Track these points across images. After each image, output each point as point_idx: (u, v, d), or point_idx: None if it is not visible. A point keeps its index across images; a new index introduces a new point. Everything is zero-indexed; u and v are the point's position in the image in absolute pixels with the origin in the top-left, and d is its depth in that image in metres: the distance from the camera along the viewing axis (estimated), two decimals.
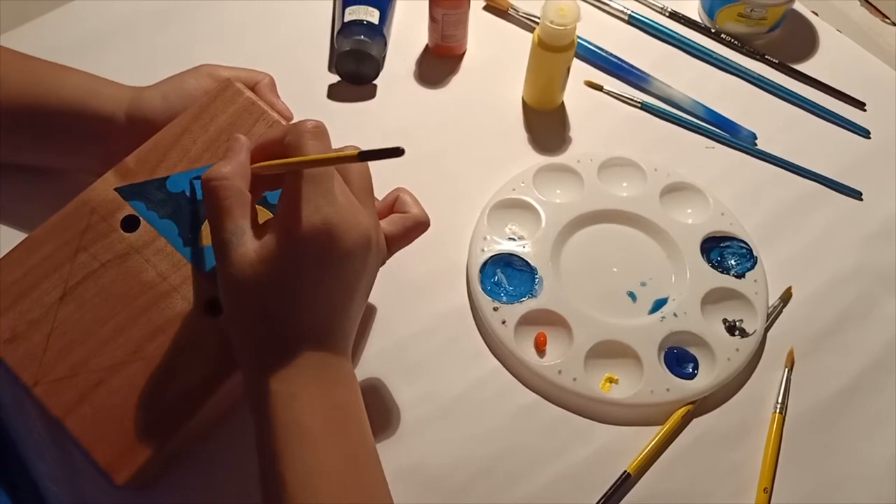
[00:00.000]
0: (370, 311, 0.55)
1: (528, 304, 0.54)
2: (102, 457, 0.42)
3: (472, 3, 0.66)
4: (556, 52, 0.61)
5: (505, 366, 0.53)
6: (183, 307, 0.45)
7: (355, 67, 0.65)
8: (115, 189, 0.47)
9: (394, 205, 0.47)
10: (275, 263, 0.38)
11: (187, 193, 0.48)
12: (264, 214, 0.47)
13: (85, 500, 0.47)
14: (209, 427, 0.48)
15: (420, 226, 0.46)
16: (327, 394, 0.39)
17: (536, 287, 0.55)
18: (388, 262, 0.46)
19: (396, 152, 0.34)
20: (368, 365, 0.53)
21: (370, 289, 0.44)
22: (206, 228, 0.47)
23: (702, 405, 0.52)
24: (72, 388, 0.43)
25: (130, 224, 0.47)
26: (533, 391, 0.52)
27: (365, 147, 0.37)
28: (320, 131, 0.40)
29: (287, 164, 0.40)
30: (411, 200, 0.47)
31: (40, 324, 0.44)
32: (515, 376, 0.53)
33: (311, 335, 0.40)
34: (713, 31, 0.73)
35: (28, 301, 0.45)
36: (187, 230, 0.47)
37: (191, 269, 0.46)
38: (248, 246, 0.39)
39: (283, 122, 0.50)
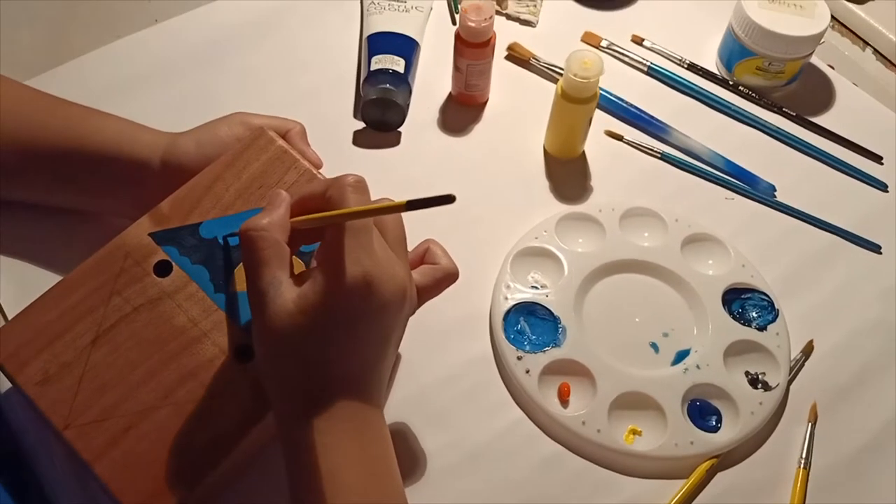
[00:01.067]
0: (395, 358, 0.55)
1: (551, 354, 0.54)
2: (131, 502, 0.42)
3: (494, 53, 0.67)
4: (578, 103, 0.62)
5: (528, 415, 0.53)
6: (213, 353, 0.46)
7: (381, 115, 0.67)
8: (149, 234, 0.48)
9: (424, 256, 0.48)
10: (314, 314, 0.39)
11: (220, 241, 0.48)
12: (298, 266, 0.48)
13: None
14: (237, 472, 0.48)
15: (449, 277, 0.47)
16: (362, 445, 0.40)
17: (560, 336, 0.55)
18: None
19: (447, 199, 0.33)
20: (393, 411, 0.53)
21: (401, 339, 0.45)
22: (238, 274, 0.48)
23: (726, 459, 0.52)
24: (102, 432, 0.43)
25: (163, 269, 0.47)
26: (556, 441, 0.52)
27: (409, 196, 0.36)
28: (361, 185, 0.41)
29: (331, 216, 0.40)
30: (441, 252, 0.48)
31: (72, 367, 0.45)
32: (539, 426, 0.53)
33: (347, 386, 0.40)
34: (731, 83, 0.74)
35: (61, 344, 0.45)
36: (219, 276, 0.48)
37: (222, 315, 0.47)
38: (287, 297, 0.39)
39: (314, 171, 0.51)
